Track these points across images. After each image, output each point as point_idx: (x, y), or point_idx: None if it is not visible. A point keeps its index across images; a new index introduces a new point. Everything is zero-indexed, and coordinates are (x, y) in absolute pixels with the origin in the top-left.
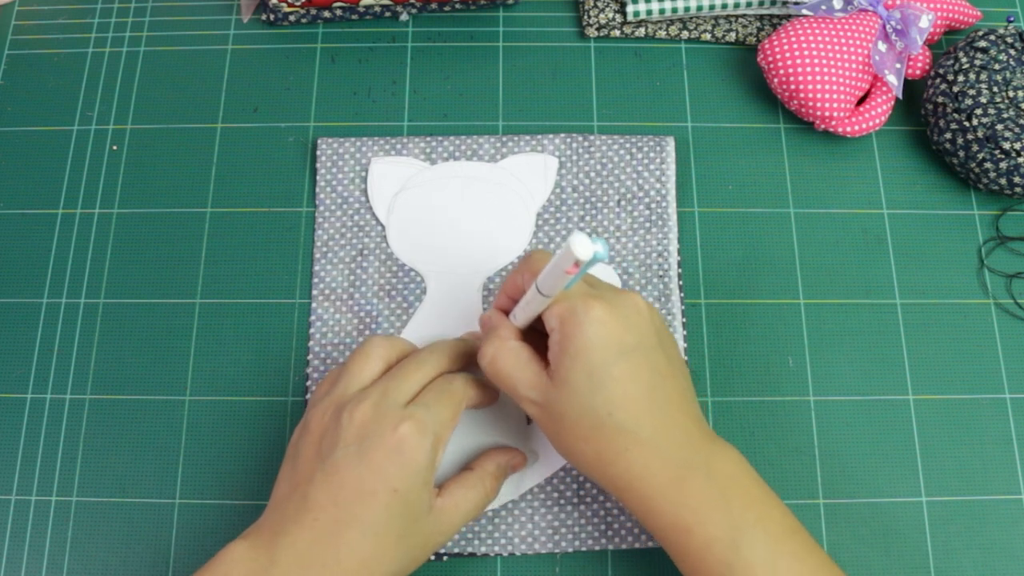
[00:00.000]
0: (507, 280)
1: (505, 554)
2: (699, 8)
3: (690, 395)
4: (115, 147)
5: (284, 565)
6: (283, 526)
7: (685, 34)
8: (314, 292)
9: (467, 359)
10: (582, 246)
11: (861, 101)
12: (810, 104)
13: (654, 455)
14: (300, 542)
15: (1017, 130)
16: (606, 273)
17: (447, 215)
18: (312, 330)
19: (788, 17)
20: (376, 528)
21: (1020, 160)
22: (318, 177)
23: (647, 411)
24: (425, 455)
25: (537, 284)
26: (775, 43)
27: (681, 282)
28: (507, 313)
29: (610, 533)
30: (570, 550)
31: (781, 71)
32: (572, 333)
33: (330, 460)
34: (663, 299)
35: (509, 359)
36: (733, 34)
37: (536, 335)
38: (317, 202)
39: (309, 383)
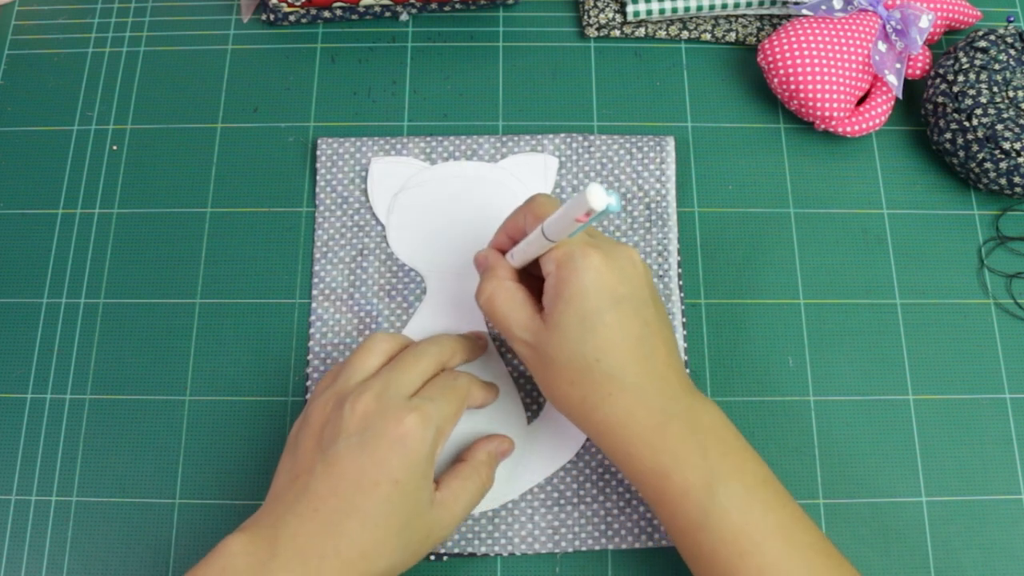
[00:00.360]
0: (508, 220)
1: (505, 554)
2: (699, 8)
3: (674, 350)
4: (115, 147)
5: (284, 557)
6: (283, 517)
7: (685, 34)
8: (314, 292)
9: (467, 353)
10: (597, 197)
11: (861, 101)
12: (810, 104)
13: (637, 402)
14: (300, 534)
15: (1017, 130)
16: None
17: (447, 215)
18: (312, 330)
19: (788, 17)
20: (377, 519)
21: (1020, 160)
22: (318, 177)
23: (634, 359)
24: (427, 447)
25: (543, 228)
26: (775, 43)
27: (681, 282)
28: (503, 253)
29: (610, 533)
30: (570, 550)
31: (781, 71)
32: (568, 278)
33: (331, 451)
34: (663, 299)
35: (506, 298)
36: (733, 34)
37: (529, 278)
38: (317, 202)
39: (309, 383)
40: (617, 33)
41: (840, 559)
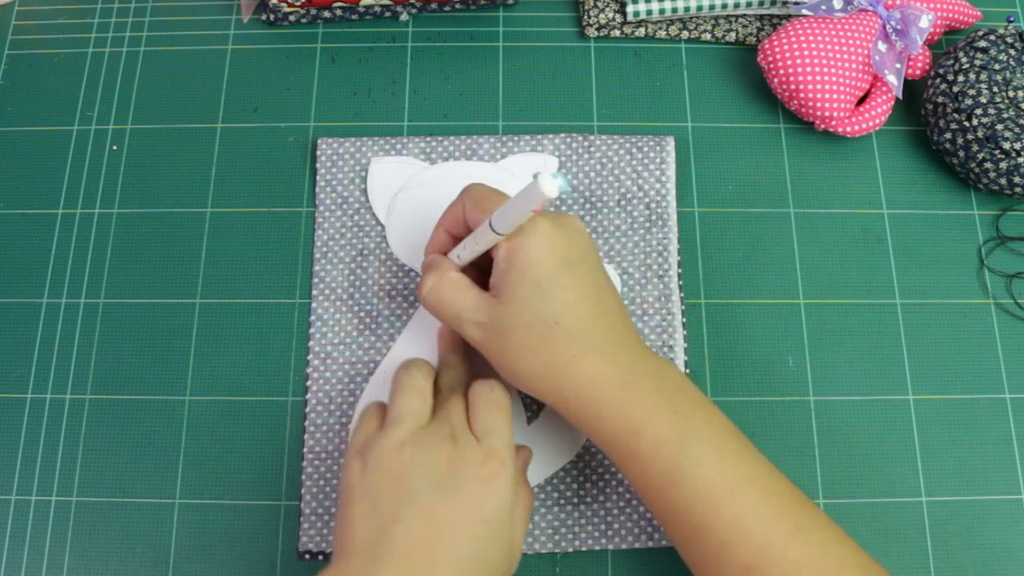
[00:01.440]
0: (445, 216)
1: None
2: (699, 8)
3: (628, 315)
4: (115, 147)
5: None
6: (369, 570)
7: (685, 34)
8: (314, 292)
9: (461, 367)
10: (551, 185)
11: (861, 101)
12: (810, 104)
13: (603, 360)
14: None
15: (1017, 130)
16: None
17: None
18: (312, 330)
19: (788, 17)
20: (469, 563)
21: (1020, 160)
22: (318, 177)
23: (594, 318)
24: (512, 481)
25: (492, 222)
26: (775, 43)
27: (681, 282)
28: (446, 254)
29: (610, 533)
30: (570, 550)
31: (781, 71)
32: (519, 246)
33: (421, 498)
34: (663, 299)
35: (450, 287)
36: (733, 34)
37: (472, 270)
38: (317, 202)
39: (309, 383)
40: (617, 33)
41: (813, 506)
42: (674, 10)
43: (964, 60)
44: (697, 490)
